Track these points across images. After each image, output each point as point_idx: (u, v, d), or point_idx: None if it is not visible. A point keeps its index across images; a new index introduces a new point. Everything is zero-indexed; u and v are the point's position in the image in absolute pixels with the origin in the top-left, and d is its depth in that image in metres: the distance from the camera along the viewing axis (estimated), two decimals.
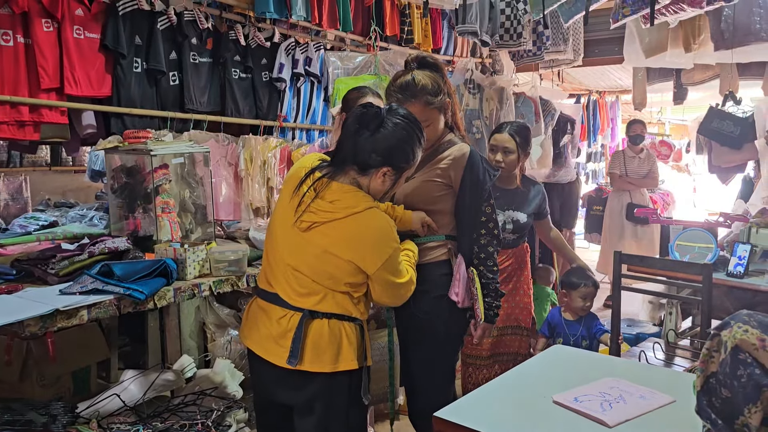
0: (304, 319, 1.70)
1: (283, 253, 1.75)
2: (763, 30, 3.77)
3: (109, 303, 1.94)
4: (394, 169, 1.72)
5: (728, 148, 4.38)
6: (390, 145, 1.69)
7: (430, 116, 2.01)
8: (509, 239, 3.05)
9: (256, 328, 1.81)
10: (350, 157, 1.70)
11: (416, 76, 2.01)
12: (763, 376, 0.99)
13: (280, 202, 1.83)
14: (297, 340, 1.68)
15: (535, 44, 4.44)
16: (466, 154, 2.06)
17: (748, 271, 3.24)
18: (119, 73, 3.12)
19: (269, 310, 1.77)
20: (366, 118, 1.71)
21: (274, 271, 1.79)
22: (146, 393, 2.49)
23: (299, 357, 1.68)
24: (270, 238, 1.83)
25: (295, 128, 4.05)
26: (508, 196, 3.06)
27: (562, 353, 1.82)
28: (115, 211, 2.64)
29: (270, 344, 1.74)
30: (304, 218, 1.69)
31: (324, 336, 1.70)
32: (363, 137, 1.69)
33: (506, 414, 1.35)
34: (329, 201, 1.68)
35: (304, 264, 1.71)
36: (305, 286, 1.72)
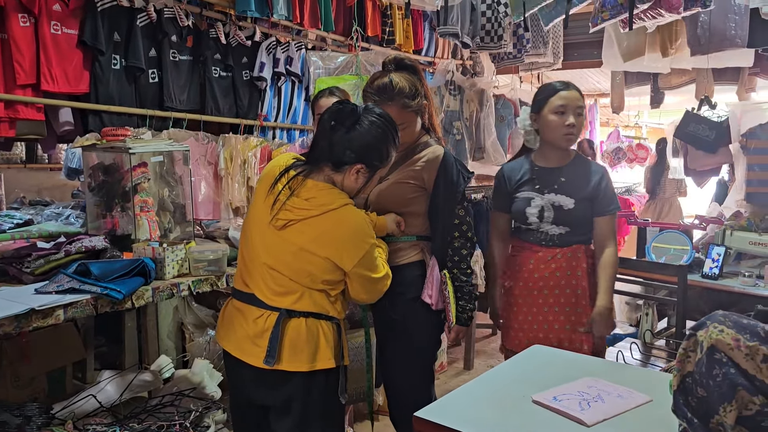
0: (282, 318, 1.69)
1: (260, 252, 1.74)
2: (737, 36, 3.84)
3: (86, 302, 1.91)
4: (368, 167, 1.72)
5: (703, 151, 4.45)
6: (365, 143, 1.70)
7: (406, 119, 2.01)
8: (553, 234, 2.33)
9: (232, 329, 1.79)
10: (325, 153, 1.71)
11: (393, 78, 2.00)
12: (737, 376, 1.01)
13: (255, 201, 1.83)
14: (274, 339, 1.67)
15: (515, 47, 4.48)
16: (439, 157, 2.07)
17: (722, 272, 3.30)
18: (97, 69, 3.08)
19: (245, 310, 1.77)
20: (342, 115, 1.71)
21: (250, 271, 1.78)
22: (123, 394, 2.46)
23: (276, 356, 1.68)
24: (245, 238, 1.83)
25: (276, 127, 4.04)
26: (550, 175, 2.36)
27: (541, 353, 1.83)
28: (93, 210, 2.61)
29: (246, 345, 1.73)
30: (279, 216, 1.69)
31: (301, 335, 1.70)
32: (338, 134, 1.69)
33: (486, 413, 1.36)
34: (305, 198, 1.68)
35: (281, 263, 1.71)
36: (282, 285, 1.72)
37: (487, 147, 4.64)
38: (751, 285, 3.16)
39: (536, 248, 2.36)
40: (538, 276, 2.34)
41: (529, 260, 2.36)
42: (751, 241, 3.31)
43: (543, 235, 2.34)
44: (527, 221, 2.36)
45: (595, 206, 2.33)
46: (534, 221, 2.34)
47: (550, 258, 2.32)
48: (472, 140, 4.60)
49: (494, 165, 4.84)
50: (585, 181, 2.34)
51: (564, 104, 2.26)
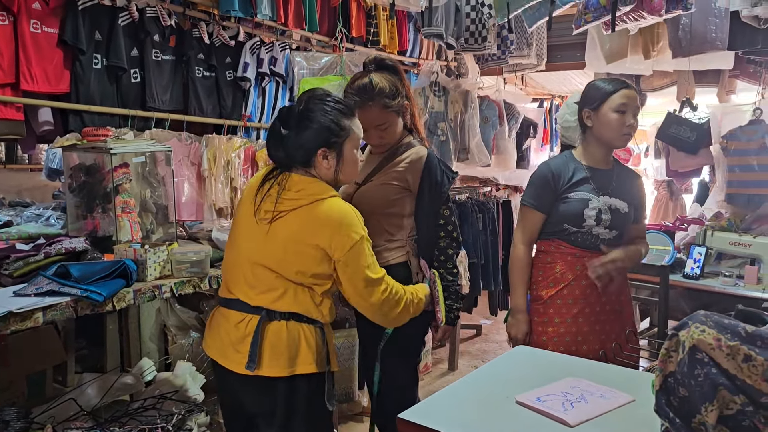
0: (262, 321, 1.68)
1: (247, 251, 1.74)
2: (718, 39, 3.88)
3: (66, 305, 1.89)
4: (329, 146, 1.72)
5: (685, 153, 4.49)
6: (315, 132, 1.71)
7: (387, 119, 2.02)
8: (603, 238, 2.22)
9: (218, 336, 1.78)
10: (288, 158, 1.74)
11: (374, 78, 2.01)
12: (719, 375, 1.01)
13: (240, 209, 1.83)
14: (255, 344, 1.66)
15: (499, 48, 4.49)
16: (423, 158, 2.07)
17: (703, 272, 3.34)
18: (78, 69, 3.05)
19: (229, 316, 1.76)
20: (286, 118, 1.73)
21: (234, 275, 1.77)
22: (104, 397, 2.44)
23: (257, 362, 1.66)
24: (230, 244, 1.83)
25: (260, 128, 4.02)
26: (605, 177, 2.27)
27: (525, 353, 1.84)
28: (73, 211, 2.58)
29: (229, 351, 1.72)
30: (267, 209, 1.70)
31: (282, 338, 1.68)
32: (289, 137, 1.71)
33: (470, 415, 1.35)
34: (295, 191, 1.70)
35: (270, 257, 1.69)
36: (265, 283, 1.70)
37: (471, 148, 4.65)
38: (732, 285, 3.19)
39: (583, 252, 2.21)
40: (586, 283, 2.20)
41: (576, 266, 2.21)
42: (732, 241, 3.35)
43: (594, 239, 2.21)
44: (583, 224, 2.19)
45: (634, 213, 2.30)
46: (590, 224, 2.19)
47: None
48: (456, 141, 4.60)
49: (479, 166, 4.85)
50: (632, 186, 2.32)
51: (626, 103, 2.19)
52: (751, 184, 3.88)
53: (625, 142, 2.25)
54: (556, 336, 2.21)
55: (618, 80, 2.26)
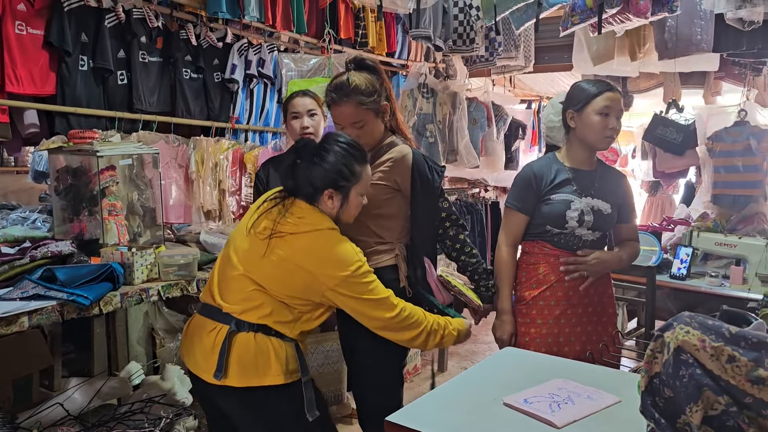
0: (230, 332, 1.70)
1: (238, 262, 1.75)
2: (703, 41, 3.92)
3: (52, 309, 1.87)
4: (336, 188, 1.77)
5: (671, 154, 4.53)
6: (326, 170, 1.76)
7: (363, 117, 2.02)
8: (586, 240, 2.24)
9: (191, 344, 1.81)
10: (296, 189, 1.78)
11: (351, 76, 2.03)
12: (703, 376, 1.02)
13: (242, 223, 1.86)
14: (222, 354, 1.68)
15: (487, 50, 4.51)
16: (407, 156, 2.06)
17: (689, 273, 3.37)
18: (64, 71, 3.03)
19: (203, 324, 1.78)
20: (302, 151, 1.79)
21: (217, 282, 1.80)
22: (91, 401, 2.42)
23: (224, 371, 1.68)
24: (225, 254, 1.84)
25: (248, 130, 4.00)
26: (587, 178, 2.27)
27: (513, 355, 1.84)
28: (59, 214, 2.56)
29: (201, 360, 1.75)
30: (267, 225, 1.72)
31: (249, 349, 1.70)
32: (300, 169, 1.77)
33: (458, 417, 1.36)
34: (297, 216, 1.73)
35: (260, 271, 1.71)
36: (244, 293, 1.72)
37: (460, 149, 4.66)
38: (718, 285, 3.22)
39: (566, 254, 2.23)
40: (568, 285, 2.22)
41: (558, 267, 2.22)
42: (717, 242, 3.38)
43: (576, 240, 2.23)
44: (565, 225, 2.20)
45: (620, 213, 2.31)
46: (572, 225, 2.20)
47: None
48: (445, 143, 4.62)
49: (467, 167, 4.86)
50: (615, 186, 2.31)
51: (609, 105, 2.17)
52: (736, 185, 3.92)
53: (608, 145, 2.25)
54: (539, 337, 2.22)
55: (602, 82, 2.24)
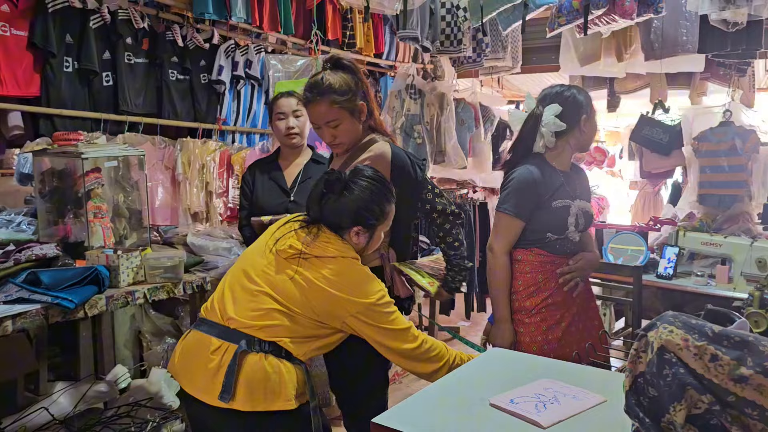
0: (240, 351, 1.60)
1: (259, 277, 1.69)
2: (689, 42, 3.94)
3: (36, 312, 1.86)
4: (365, 227, 1.76)
5: (658, 154, 4.56)
6: (357, 207, 1.74)
7: (337, 116, 2.01)
8: (575, 242, 2.25)
9: (189, 363, 1.69)
10: (322, 218, 1.75)
11: (326, 75, 2.02)
12: (686, 375, 1.02)
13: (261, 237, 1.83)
14: (230, 374, 1.58)
15: (474, 51, 4.51)
16: (386, 153, 2.04)
17: (676, 272, 3.39)
18: (48, 72, 3.01)
19: (205, 342, 1.67)
20: (330, 183, 1.75)
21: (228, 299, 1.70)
22: (77, 405, 2.40)
23: (232, 393, 1.58)
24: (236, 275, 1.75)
25: (235, 131, 3.99)
26: (572, 180, 2.27)
27: (500, 356, 1.85)
28: (44, 217, 2.54)
29: (201, 380, 1.63)
30: (294, 245, 1.68)
31: (259, 372, 1.61)
32: (330, 201, 1.74)
33: (444, 418, 1.35)
34: (324, 240, 1.71)
35: (281, 288, 1.65)
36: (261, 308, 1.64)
37: (447, 150, 4.67)
38: (704, 284, 3.24)
39: (560, 259, 2.22)
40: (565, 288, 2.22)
41: (555, 272, 2.21)
42: (703, 241, 3.40)
43: (570, 244, 2.23)
44: (566, 231, 2.19)
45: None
46: (571, 230, 2.20)
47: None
48: (432, 144, 4.62)
49: (455, 168, 4.86)
50: (587, 184, 2.37)
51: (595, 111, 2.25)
52: (721, 185, 3.94)
53: (588, 149, 2.32)
54: (546, 343, 2.20)
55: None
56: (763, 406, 0.97)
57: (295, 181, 2.68)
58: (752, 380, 0.97)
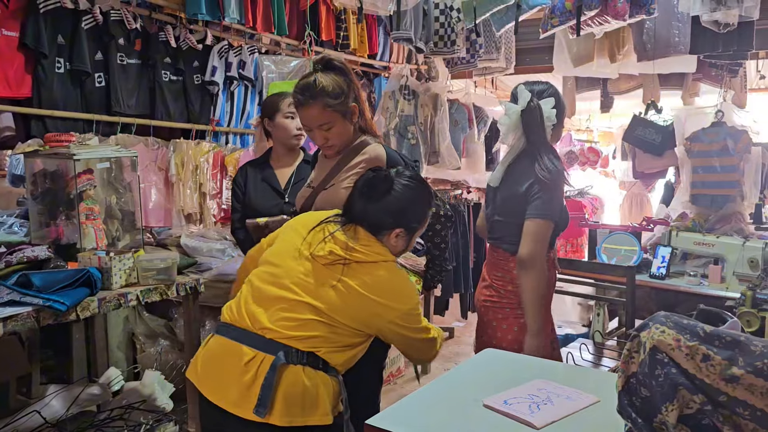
0: (278, 363, 1.52)
1: (296, 285, 1.60)
2: (681, 43, 3.96)
3: (27, 315, 1.85)
4: (407, 230, 1.72)
5: (651, 154, 4.58)
6: (401, 208, 1.70)
7: (330, 118, 1.99)
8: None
9: (218, 372, 1.58)
10: (360, 219, 1.69)
11: (318, 77, 1.99)
12: (678, 375, 1.03)
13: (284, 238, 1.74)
14: (268, 387, 1.50)
15: (468, 52, 4.52)
16: (380, 156, 2.04)
17: (669, 272, 3.40)
18: (40, 73, 2.99)
19: (236, 351, 1.56)
20: (375, 182, 1.71)
21: (258, 305, 1.61)
22: (69, 408, 2.39)
23: (269, 407, 1.49)
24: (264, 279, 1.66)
25: (229, 132, 3.99)
26: None
27: (494, 356, 1.85)
28: (36, 218, 2.52)
29: (232, 391, 1.53)
30: (334, 250, 1.61)
31: (298, 384, 1.53)
32: (373, 200, 1.69)
33: (438, 419, 1.36)
34: (362, 244, 1.63)
35: (323, 297, 1.58)
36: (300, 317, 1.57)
37: (441, 151, 4.67)
38: (696, 284, 3.25)
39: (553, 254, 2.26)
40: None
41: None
42: (696, 241, 3.42)
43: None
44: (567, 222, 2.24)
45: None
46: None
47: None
48: (426, 144, 4.62)
49: (449, 169, 4.87)
50: None
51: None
52: (713, 185, 3.96)
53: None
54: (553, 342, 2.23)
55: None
56: (754, 406, 0.97)
57: (289, 182, 2.66)
58: (743, 380, 0.97)
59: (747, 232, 3.61)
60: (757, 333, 2.28)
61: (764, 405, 0.97)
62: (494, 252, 2.24)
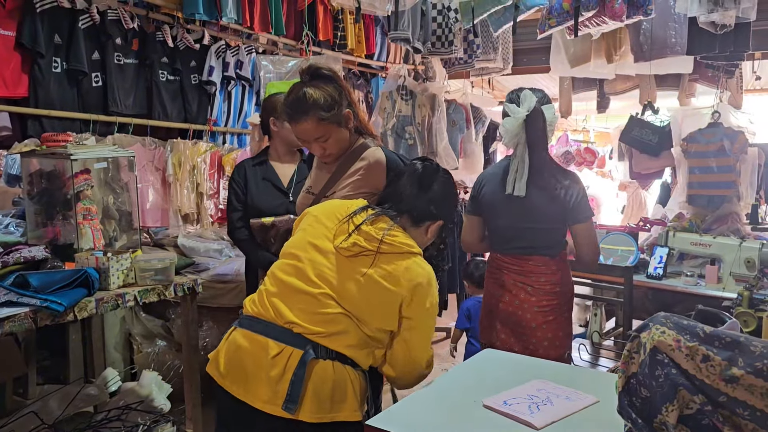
0: (308, 358, 1.48)
1: (319, 278, 1.56)
2: (678, 44, 3.97)
3: (25, 316, 1.84)
4: (444, 222, 1.74)
5: (647, 155, 4.58)
6: (445, 200, 1.73)
7: (325, 131, 1.93)
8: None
9: (243, 366, 1.53)
10: (409, 209, 1.68)
11: (307, 91, 1.90)
12: (678, 376, 1.03)
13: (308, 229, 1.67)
14: (298, 382, 1.46)
15: (466, 52, 4.52)
16: (380, 160, 2.00)
17: (666, 272, 3.40)
18: (37, 72, 2.98)
19: (263, 345, 1.52)
20: (428, 173, 1.73)
21: (286, 295, 1.57)
22: (66, 409, 2.38)
23: (299, 403, 1.46)
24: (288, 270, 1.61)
25: (226, 132, 3.98)
26: None
27: (493, 356, 1.85)
28: (33, 218, 2.52)
29: (260, 386, 1.49)
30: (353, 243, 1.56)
31: (327, 380, 1.50)
32: (423, 190, 1.69)
33: (438, 420, 1.36)
34: (392, 234, 1.60)
35: (348, 291, 1.54)
36: (325, 312, 1.53)
37: (439, 151, 4.67)
38: (693, 284, 3.26)
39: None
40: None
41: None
42: (693, 241, 3.42)
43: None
44: None
45: None
46: None
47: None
48: (424, 145, 4.62)
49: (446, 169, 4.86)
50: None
51: None
52: (710, 186, 3.97)
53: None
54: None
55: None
56: (754, 406, 0.98)
57: (291, 180, 2.63)
58: (743, 380, 0.97)
59: (744, 233, 3.62)
60: (754, 333, 2.29)
61: (764, 405, 0.97)
62: (528, 260, 2.26)
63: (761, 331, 2.20)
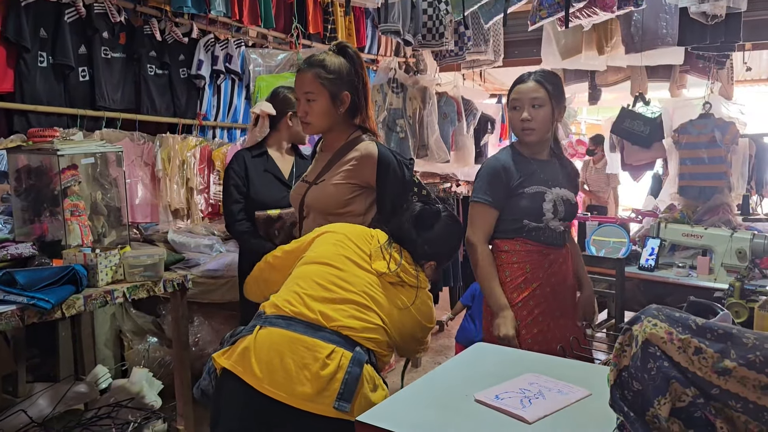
0: (363, 359, 1.55)
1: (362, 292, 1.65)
2: (669, 35, 3.97)
3: (11, 314, 1.82)
4: (439, 264, 1.85)
5: (639, 146, 4.59)
6: (442, 243, 1.84)
7: (316, 89, 2.00)
8: (558, 232, 2.22)
9: (285, 365, 1.50)
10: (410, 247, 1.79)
11: (326, 55, 2.05)
12: (671, 369, 1.02)
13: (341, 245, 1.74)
14: (353, 381, 1.50)
15: (456, 44, 4.51)
16: (372, 153, 2.02)
17: (658, 264, 3.41)
18: (22, 67, 2.94)
19: (309, 345, 1.53)
20: (426, 216, 1.82)
21: (332, 302, 1.61)
22: (56, 407, 2.36)
23: (352, 402, 1.49)
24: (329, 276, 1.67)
25: (216, 127, 3.95)
26: (549, 168, 2.25)
27: (485, 350, 1.84)
28: (20, 215, 2.49)
29: (305, 387, 1.48)
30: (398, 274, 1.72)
31: (370, 382, 1.56)
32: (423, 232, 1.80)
33: (429, 415, 1.35)
34: (414, 269, 1.77)
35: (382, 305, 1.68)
36: (372, 323, 1.63)
37: (430, 144, 4.66)
38: (685, 275, 3.27)
39: (548, 249, 2.20)
40: (555, 280, 2.21)
41: (544, 263, 2.20)
42: (684, 233, 3.43)
43: (551, 233, 2.20)
44: (542, 218, 2.17)
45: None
46: (549, 217, 2.17)
47: (562, 259, 2.25)
48: (415, 138, 4.60)
49: (438, 162, 4.86)
50: (574, 177, 2.35)
51: (517, 98, 2.20)
52: (701, 177, 3.98)
53: (527, 137, 2.20)
54: (531, 337, 2.17)
55: (523, 74, 2.26)
56: (746, 398, 0.97)
57: (291, 173, 2.63)
58: (735, 373, 0.97)
59: (735, 224, 3.63)
60: (745, 324, 2.29)
61: (756, 397, 0.96)
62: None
63: (752, 321, 2.20)
